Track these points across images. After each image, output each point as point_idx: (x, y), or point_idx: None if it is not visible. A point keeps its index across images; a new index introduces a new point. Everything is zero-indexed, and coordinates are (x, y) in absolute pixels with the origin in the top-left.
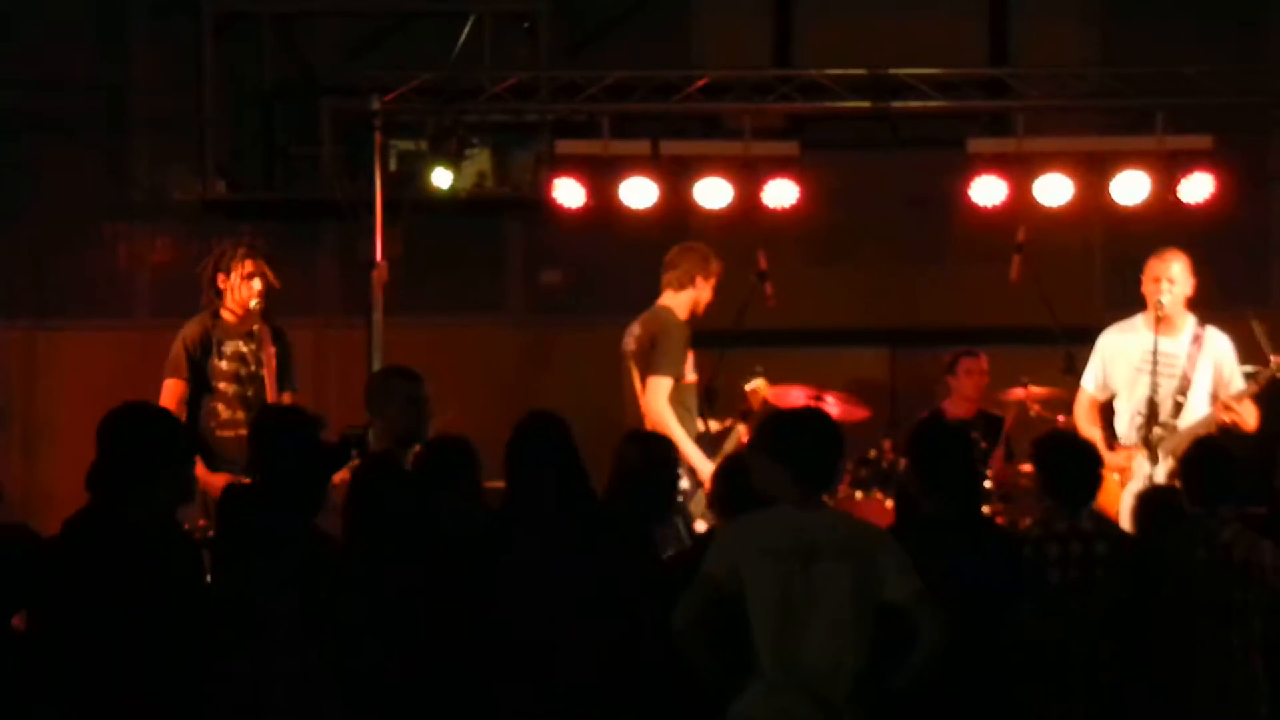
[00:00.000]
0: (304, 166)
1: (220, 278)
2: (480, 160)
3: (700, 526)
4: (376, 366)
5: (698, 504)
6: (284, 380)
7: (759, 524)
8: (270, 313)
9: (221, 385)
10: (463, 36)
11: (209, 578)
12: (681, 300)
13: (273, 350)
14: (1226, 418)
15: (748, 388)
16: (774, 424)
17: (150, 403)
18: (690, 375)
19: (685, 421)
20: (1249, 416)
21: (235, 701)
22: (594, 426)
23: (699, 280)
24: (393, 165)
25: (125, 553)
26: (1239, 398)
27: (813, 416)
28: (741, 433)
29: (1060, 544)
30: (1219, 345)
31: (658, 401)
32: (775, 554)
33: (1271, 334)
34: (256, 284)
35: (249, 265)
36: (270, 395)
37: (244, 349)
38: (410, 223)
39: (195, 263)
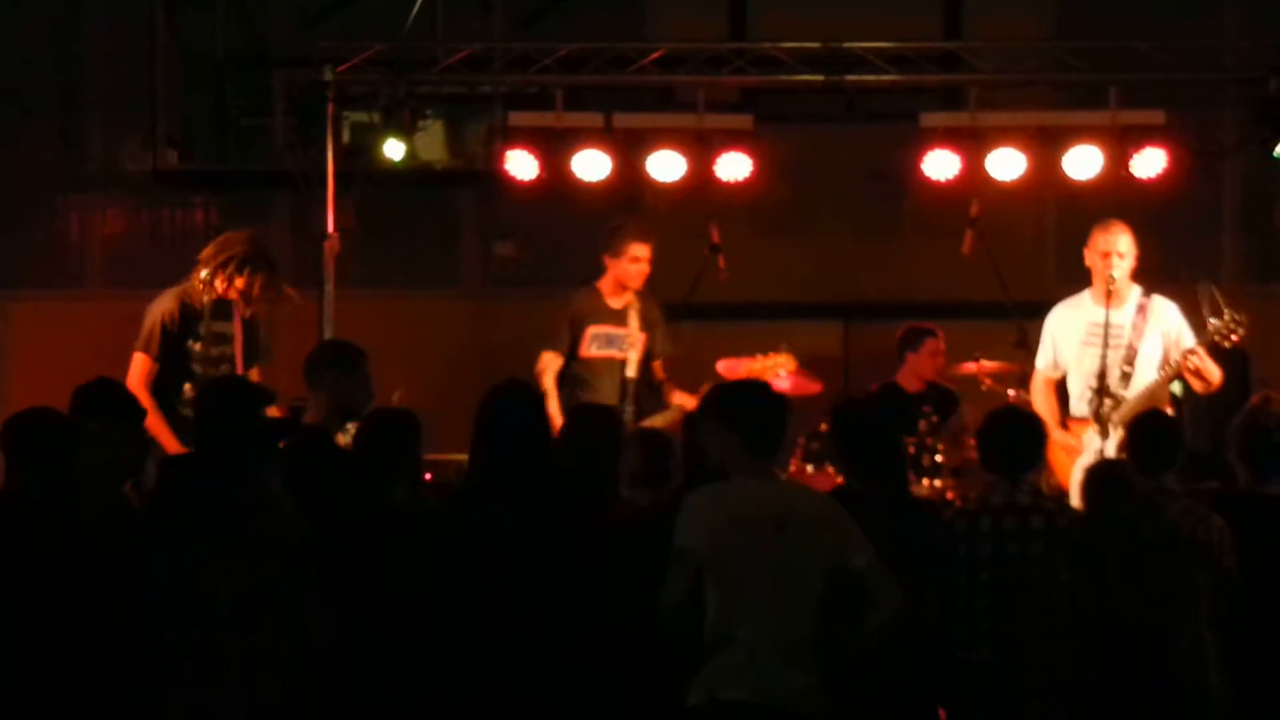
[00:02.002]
0: (256, 138)
1: (232, 268)
2: (428, 134)
3: None
4: (328, 338)
5: None
6: (251, 356)
7: (728, 494)
8: None
9: (193, 366)
10: (416, 8)
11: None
12: (606, 280)
13: (240, 326)
14: (1192, 365)
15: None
16: (724, 394)
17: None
18: (601, 350)
19: (579, 394)
20: (1213, 371)
21: (181, 677)
22: None
23: (606, 259)
24: (345, 137)
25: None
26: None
27: (760, 387)
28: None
29: (994, 517)
30: (1165, 314)
31: (537, 369)
32: (749, 523)
33: (1209, 301)
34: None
35: (260, 284)
36: (239, 371)
37: (215, 328)
38: (363, 194)
39: (147, 233)
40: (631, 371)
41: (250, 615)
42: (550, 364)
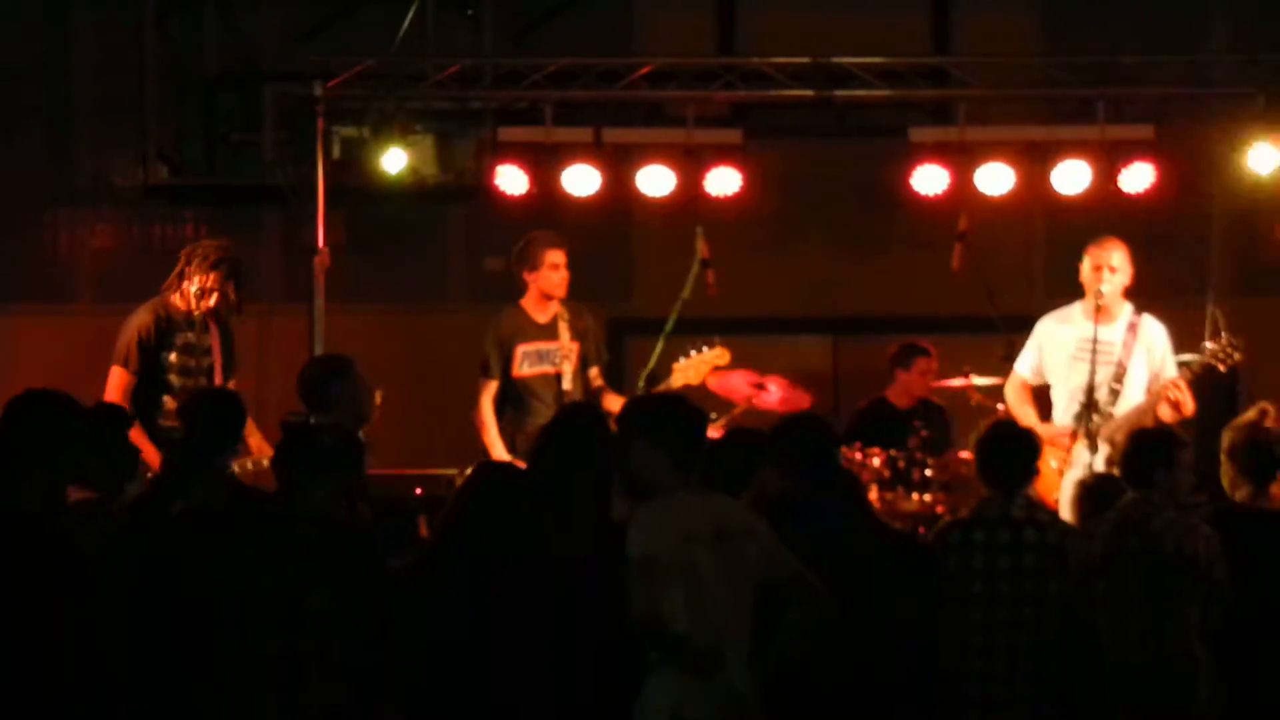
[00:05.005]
0: (246, 152)
1: (188, 270)
2: (418, 149)
3: None
4: (319, 353)
5: None
6: (227, 369)
7: (675, 509)
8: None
9: (170, 378)
10: (406, 23)
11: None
12: (529, 296)
13: (218, 339)
14: (1172, 395)
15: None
16: (647, 409)
17: (50, 390)
18: (534, 368)
19: (521, 416)
20: (1188, 404)
21: (221, 684)
22: None
23: (525, 275)
24: (335, 151)
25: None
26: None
27: (680, 401)
28: None
29: (987, 530)
30: (1153, 333)
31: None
32: (698, 537)
33: (1210, 323)
34: (214, 300)
35: (214, 280)
36: (218, 383)
37: (192, 339)
38: (352, 209)
39: (136, 248)
40: (568, 384)
41: (291, 622)
42: (487, 390)
